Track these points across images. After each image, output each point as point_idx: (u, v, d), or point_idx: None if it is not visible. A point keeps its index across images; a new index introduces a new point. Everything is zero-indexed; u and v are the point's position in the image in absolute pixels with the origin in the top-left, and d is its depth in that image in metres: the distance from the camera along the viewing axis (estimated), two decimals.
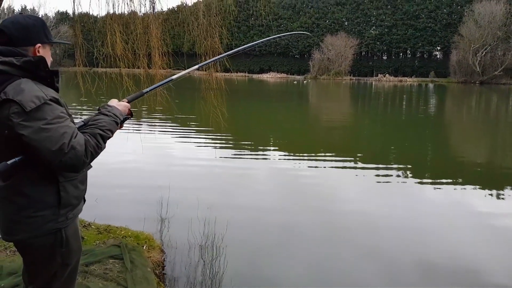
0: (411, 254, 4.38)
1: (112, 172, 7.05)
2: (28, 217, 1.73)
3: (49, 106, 1.61)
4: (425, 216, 5.59)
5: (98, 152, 1.72)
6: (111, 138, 1.83)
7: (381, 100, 30.66)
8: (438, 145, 12.07)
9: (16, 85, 1.60)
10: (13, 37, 1.69)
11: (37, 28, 1.76)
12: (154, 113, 15.06)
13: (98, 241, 3.73)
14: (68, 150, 1.58)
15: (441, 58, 71.71)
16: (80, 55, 5.74)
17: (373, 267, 4.07)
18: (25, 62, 1.64)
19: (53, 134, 1.57)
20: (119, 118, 1.89)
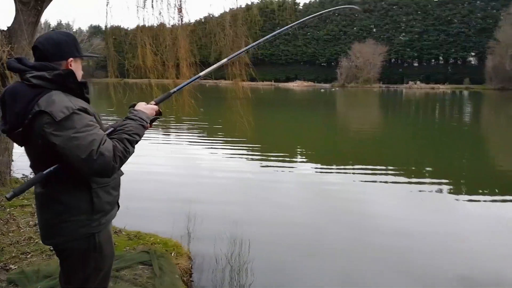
0: (447, 271, 4.23)
1: (142, 182, 7.22)
2: (64, 222, 1.83)
3: (78, 116, 1.69)
4: (462, 231, 5.42)
5: (126, 156, 1.79)
6: (139, 141, 1.89)
7: (412, 108, 29.97)
8: (475, 155, 11.67)
9: (48, 97, 1.70)
10: (47, 53, 1.81)
11: (68, 43, 1.87)
12: (182, 122, 15.37)
13: (128, 247, 3.85)
14: (97, 156, 1.65)
15: (475, 64, 69.51)
16: (112, 66, 5.97)
17: (406, 284, 3.97)
18: (55, 75, 1.75)
19: (82, 142, 1.65)
20: (146, 121, 1.95)
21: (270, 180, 7.91)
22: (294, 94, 46.67)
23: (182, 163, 9.09)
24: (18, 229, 4.06)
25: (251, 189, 7.21)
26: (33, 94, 1.71)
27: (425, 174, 8.72)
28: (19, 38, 4.76)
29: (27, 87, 1.73)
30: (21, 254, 3.54)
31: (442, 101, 36.95)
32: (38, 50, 1.82)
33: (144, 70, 6.08)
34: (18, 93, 1.74)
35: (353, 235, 5.18)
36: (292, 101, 35.11)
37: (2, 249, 3.58)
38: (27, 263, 3.37)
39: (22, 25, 4.68)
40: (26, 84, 1.74)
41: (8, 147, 5.21)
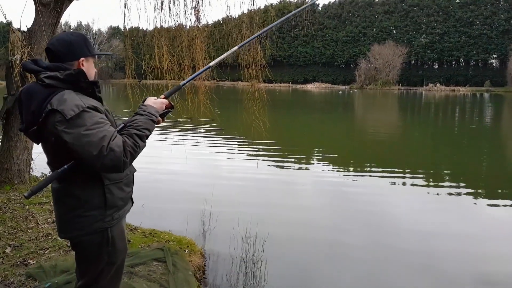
0: (467, 275, 4.18)
1: (158, 181, 7.33)
2: (78, 217, 1.90)
3: (88, 113, 1.75)
4: (482, 234, 5.33)
5: (137, 151, 1.83)
6: (150, 135, 1.92)
7: (432, 111, 29.48)
8: (494, 158, 11.41)
9: (59, 96, 1.76)
10: (59, 54, 1.88)
11: (79, 43, 1.93)
12: (198, 124, 15.48)
13: (143, 244, 3.91)
14: (107, 152, 1.71)
15: (497, 67, 67.95)
16: (130, 68, 6.07)
17: (429, 283, 3.92)
18: (66, 75, 1.81)
19: (93, 139, 1.70)
20: (155, 115, 1.98)
21: (287, 182, 7.90)
22: (311, 96, 46.46)
23: (198, 164, 9.16)
24: (37, 225, 4.17)
25: (267, 190, 7.21)
26: (46, 94, 1.78)
27: (444, 177, 8.56)
28: (39, 39, 4.89)
29: (41, 87, 1.80)
30: (39, 249, 3.63)
31: (462, 104, 36.24)
32: (51, 51, 1.89)
33: (161, 71, 6.16)
34: (33, 93, 1.81)
35: (372, 237, 5.12)
36: (309, 103, 34.97)
37: (21, 245, 3.69)
38: (45, 259, 3.46)
39: (42, 26, 4.81)
40: (40, 84, 1.81)
41: (27, 146, 5.35)
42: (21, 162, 5.33)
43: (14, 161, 5.27)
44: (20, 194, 5.04)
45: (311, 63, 75.42)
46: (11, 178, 5.28)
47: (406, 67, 66.95)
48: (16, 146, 5.24)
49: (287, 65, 74.97)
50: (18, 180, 5.33)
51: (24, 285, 3.03)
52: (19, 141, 5.24)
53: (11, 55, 4.88)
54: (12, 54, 4.86)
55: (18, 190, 5.15)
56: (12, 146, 5.23)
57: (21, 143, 5.26)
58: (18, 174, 5.33)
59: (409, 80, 68.69)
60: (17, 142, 5.24)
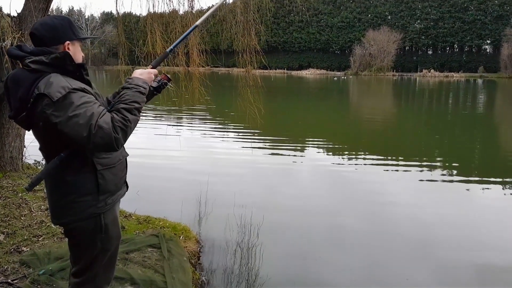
0: (466, 256, 4.28)
1: (153, 167, 7.32)
2: (71, 202, 1.89)
3: (75, 94, 1.72)
4: (478, 220, 5.40)
5: (127, 125, 1.78)
6: (141, 107, 1.89)
7: (426, 97, 29.54)
8: (488, 145, 11.52)
9: (46, 80, 1.74)
10: (44, 38, 1.84)
11: (64, 27, 1.89)
12: (193, 110, 15.41)
13: (137, 231, 3.92)
14: (96, 130, 1.68)
15: (491, 52, 68.00)
16: (123, 54, 5.99)
17: (426, 270, 3.96)
18: (52, 58, 1.78)
19: (81, 120, 1.68)
20: (142, 86, 1.95)
21: (282, 168, 7.91)
22: (306, 82, 46.32)
23: (193, 150, 9.15)
24: (30, 213, 4.15)
25: (263, 177, 7.23)
26: (33, 79, 1.76)
27: (438, 163, 8.63)
28: (29, 25, 4.78)
29: (27, 72, 1.78)
30: (33, 237, 3.62)
31: (456, 90, 36.34)
32: (35, 36, 1.86)
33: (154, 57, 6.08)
34: (19, 79, 1.78)
35: (370, 223, 5.17)
36: (304, 89, 34.87)
37: (15, 232, 3.67)
38: (39, 246, 3.46)
39: (32, 12, 4.71)
40: (26, 70, 1.79)
41: (20, 133, 5.29)
42: (14, 149, 5.29)
43: (6, 148, 5.22)
44: (14, 182, 5.00)
45: (306, 49, 74.96)
46: (4, 166, 5.24)
47: (400, 53, 66.78)
48: (8, 133, 5.19)
49: (282, 51, 74.47)
50: (11, 167, 5.29)
51: (18, 272, 3.02)
52: (11, 128, 5.19)
53: (1, 41, 4.78)
54: (2, 40, 4.77)
55: (11, 178, 5.12)
56: (4, 133, 5.17)
57: (13, 130, 5.20)
58: (11, 161, 5.29)
59: (403, 66, 68.60)
60: (9, 129, 5.18)
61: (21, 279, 2.94)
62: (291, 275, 3.85)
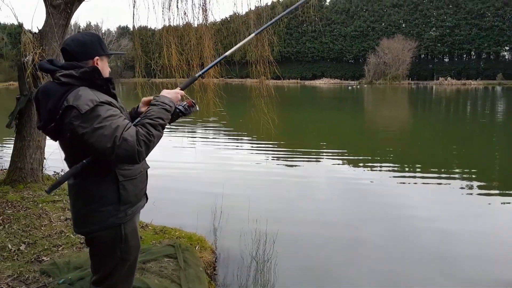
0: (486, 270, 4.18)
1: (169, 178, 7.39)
2: (93, 212, 1.95)
3: (102, 107, 1.80)
4: (498, 230, 5.31)
5: (151, 140, 1.85)
6: (165, 124, 1.96)
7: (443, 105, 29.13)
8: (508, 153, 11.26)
9: (75, 92, 1.82)
10: (74, 53, 1.95)
11: (94, 43, 2.00)
12: (207, 122, 15.54)
13: (154, 241, 3.96)
14: (120, 142, 1.75)
15: (509, 59, 66.83)
16: (139, 66, 6.12)
17: (446, 284, 3.89)
18: (82, 72, 1.88)
19: (106, 131, 1.75)
20: (168, 104, 2.03)
21: (298, 178, 7.89)
22: (320, 91, 46.24)
23: (208, 162, 9.22)
24: (50, 223, 4.24)
25: (278, 187, 7.23)
26: (63, 91, 1.84)
27: (457, 173, 8.47)
28: (50, 40, 4.96)
29: (57, 85, 1.87)
30: (53, 246, 3.70)
31: (474, 98, 35.75)
32: (66, 51, 1.96)
33: (170, 70, 6.20)
34: (49, 91, 1.87)
35: (388, 234, 5.09)
36: (318, 99, 34.81)
37: (35, 242, 3.76)
38: (59, 255, 3.53)
39: (53, 28, 4.87)
40: (56, 83, 1.88)
41: (40, 145, 5.44)
42: (34, 161, 5.43)
43: (27, 160, 5.36)
44: (34, 192, 5.13)
45: (320, 59, 74.93)
46: (24, 177, 5.38)
47: (416, 61, 66.18)
48: (29, 146, 5.33)
49: (295, 61, 74.60)
50: (31, 178, 5.42)
51: (38, 281, 3.09)
52: (32, 141, 5.34)
53: (23, 56, 4.96)
54: (24, 55, 4.94)
55: (31, 189, 5.25)
56: (25, 145, 5.32)
57: (33, 143, 5.35)
58: (31, 173, 5.43)
59: (419, 74, 67.91)
60: (30, 141, 5.33)
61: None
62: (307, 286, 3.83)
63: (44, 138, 5.51)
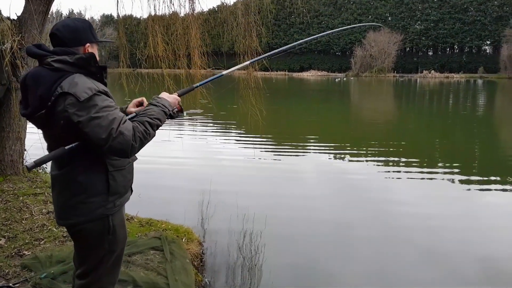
0: (471, 254, 4.26)
1: (155, 170, 7.27)
2: (81, 203, 1.89)
3: (99, 97, 1.76)
4: (483, 219, 5.40)
5: (146, 138, 1.85)
6: (160, 126, 1.95)
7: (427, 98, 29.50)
8: (488, 144, 11.50)
9: (70, 79, 1.76)
10: (65, 39, 1.87)
11: (85, 29, 1.93)
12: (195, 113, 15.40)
13: (140, 233, 3.89)
14: (116, 135, 1.72)
15: (490, 53, 68.09)
16: (124, 56, 5.97)
17: (435, 275, 3.91)
18: (77, 59, 1.81)
19: (103, 121, 1.72)
20: (168, 108, 2.03)
21: (286, 170, 7.86)
22: (308, 84, 46.32)
23: (196, 154, 9.12)
24: (31, 216, 4.13)
25: (266, 179, 7.18)
26: (55, 77, 1.77)
27: (441, 164, 8.57)
28: (29, 27, 4.77)
29: (48, 71, 1.80)
30: (34, 240, 3.60)
31: (456, 91, 36.30)
32: (56, 37, 1.88)
33: (156, 60, 6.07)
34: (40, 77, 1.79)
35: (377, 227, 5.08)
36: (306, 91, 34.86)
37: (16, 236, 3.65)
38: (40, 249, 3.43)
39: (33, 14, 4.69)
40: (47, 68, 1.80)
41: (20, 137, 5.27)
42: (14, 153, 5.26)
43: (7, 152, 5.20)
44: (14, 185, 4.98)
45: (307, 51, 75.03)
46: (4, 169, 5.22)
47: (401, 54, 66.89)
48: (9, 137, 5.17)
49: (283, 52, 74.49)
50: (11, 171, 5.26)
51: (19, 276, 3.00)
52: (11, 132, 5.17)
53: (1, 44, 4.77)
54: (2, 43, 4.75)
55: (11, 181, 5.10)
56: (4, 136, 5.15)
57: (13, 134, 5.18)
58: (11, 165, 5.27)
59: (404, 67, 68.68)
60: (9, 132, 5.16)
61: (22, 283, 2.92)
62: (294, 279, 3.81)
63: (24, 129, 5.34)
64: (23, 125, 5.25)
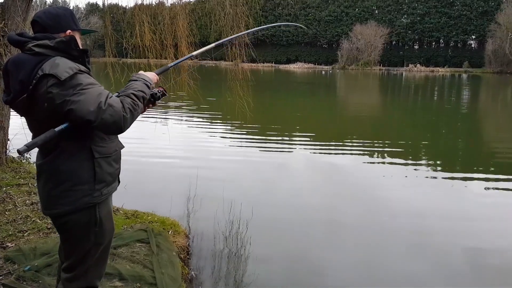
0: (461, 249, 4.33)
1: (141, 162, 7.22)
2: (66, 191, 1.86)
3: (82, 75, 1.76)
4: (466, 210, 5.56)
5: (136, 109, 1.84)
6: (146, 98, 1.96)
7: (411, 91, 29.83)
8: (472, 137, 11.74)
9: (51, 62, 1.74)
10: (46, 26, 1.86)
11: (66, 16, 1.93)
12: (181, 103, 15.29)
13: (125, 226, 3.87)
14: (106, 107, 1.70)
15: (475, 48, 68.93)
16: (110, 46, 5.88)
17: (422, 265, 3.98)
18: (57, 42, 1.80)
19: (90, 96, 1.71)
20: (149, 81, 2.04)
21: (272, 163, 7.87)
22: (294, 76, 46.31)
23: (182, 144, 9.08)
24: (15, 207, 4.06)
25: (253, 171, 7.19)
26: (36, 61, 1.76)
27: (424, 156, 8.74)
28: (13, 14, 4.65)
29: (29, 56, 1.79)
30: (18, 232, 3.55)
31: (441, 85, 36.76)
32: (37, 24, 1.87)
33: (143, 50, 6.00)
34: (21, 62, 1.79)
35: (365, 218, 5.16)
36: (292, 83, 34.86)
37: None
38: (24, 241, 3.38)
39: (16, 1, 4.58)
40: (28, 54, 1.79)
41: (3, 126, 5.16)
42: None
43: None
44: None
45: (294, 43, 74.84)
46: None
47: (387, 47, 67.15)
48: None
49: (270, 44, 74.21)
50: None
51: (2, 269, 2.95)
52: None
53: None
54: None
55: None
56: None
57: None
58: None
59: (390, 60, 69.07)
60: None
61: (6, 275, 2.88)
62: (281, 271, 3.85)
63: (8, 118, 5.23)
64: (6, 114, 5.14)
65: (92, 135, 1.89)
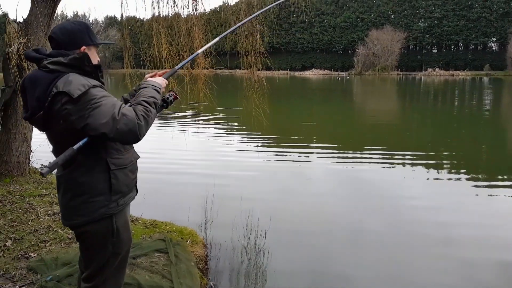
0: (486, 255, 4.23)
1: (159, 171, 7.29)
2: (83, 203, 1.90)
3: (94, 89, 1.78)
4: (497, 216, 5.41)
5: (149, 115, 1.84)
6: (157, 103, 1.96)
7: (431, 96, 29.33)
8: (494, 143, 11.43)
9: (65, 78, 1.78)
10: (61, 42, 1.91)
11: (82, 32, 1.96)
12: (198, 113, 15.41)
13: (144, 235, 3.89)
14: (120, 116, 1.73)
15: (497, 50, 67.60)
16: (128, 57, 5.99)
17: (447, 270, 3.93)
18: (71, 59, 1.83)
19: (104, 108, 1.73)
20: (158, 87, 2.04)
21: (290, 170, 7.84)
22: (310, 83, 46.19)
23: (200, 154, 9.13)
24: (37, 218, 4.14)
25: (270, 179, 7.16)
26: (51, 78, 1.80)
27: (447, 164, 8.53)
28: (35, 30, 4.80)
29: (45, 73, 1.83)
30: (40, 242, 3.61)
31: (461, 89, 36.07)
32: (54, 40, 1.92)
33: (160, 60, 6.08)
34: (37, 79, 1.83)
35: (387, 223, 5.09)
36: (308, 90, 34.78)
37: (22, 238, 3.67)
38: (46, 251, 3.44)
39: (38, 17, 4.72)
40: (43, 71, 1.83)
41: (26, 138, 5.30)
42: (20, 154, 5.29)
43: (13, 153, 5.23)
44: (21, 187, 5.01)
45: (309, 50, 74.88)
46: (11, 171, 5.24)
47: (404, 52, 66.53)
48: (15, 138, 5.19)
49: (284, 52, 74.44)
50: (18, 172, 5.29)
51: (25, 278, 3.01)
52: (18, 133, 5.20)
53: (8, 46, 4.80)
54: (9, 45, 4.78)
55: (17, 183, 5.12)
56: (11, 138, 5.18)
57: (19, 135, 5.21)
58: (18, 166, 5.29)
59: (408, 65, 68.34)
60: (15, 134, 5.19)
61: (28, 285, 2.93)
62: (300, 280, 3.80)
63: (31, 130, 5.37)
64: (29, 126, 5.28)
65: (107, 147, 1.92)
